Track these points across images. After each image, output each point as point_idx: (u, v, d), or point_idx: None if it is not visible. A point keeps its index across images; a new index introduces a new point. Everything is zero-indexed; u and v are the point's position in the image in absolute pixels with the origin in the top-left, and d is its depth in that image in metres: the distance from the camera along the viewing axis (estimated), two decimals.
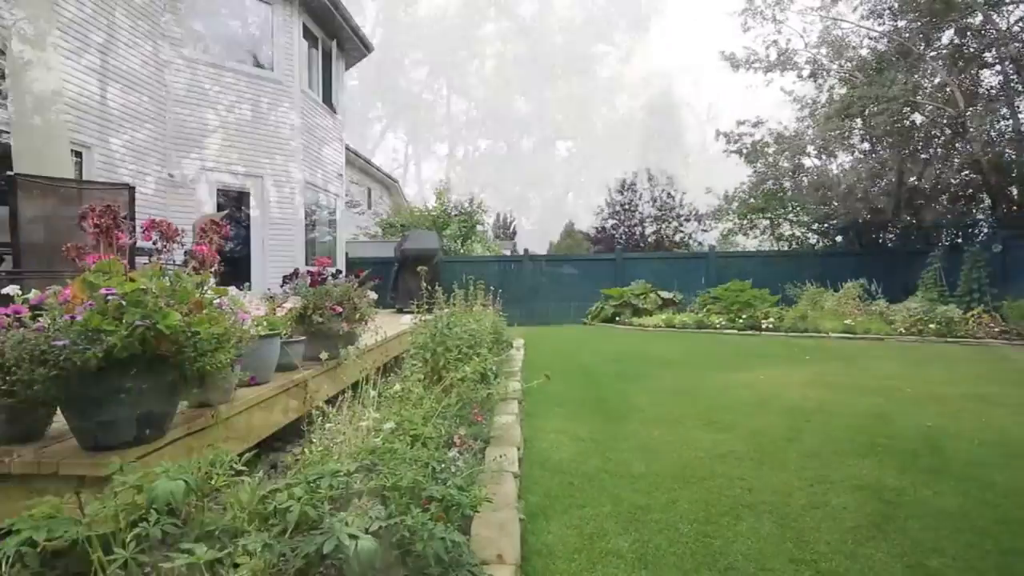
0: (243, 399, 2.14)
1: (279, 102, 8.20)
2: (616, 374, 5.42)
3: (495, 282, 6.27)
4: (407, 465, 1.76)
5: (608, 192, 23.79)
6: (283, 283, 2.91)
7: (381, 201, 20.78)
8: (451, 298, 4.93)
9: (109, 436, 1.53)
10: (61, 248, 3.02)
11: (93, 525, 1.17)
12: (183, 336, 1.52)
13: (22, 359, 1.29)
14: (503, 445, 3.08)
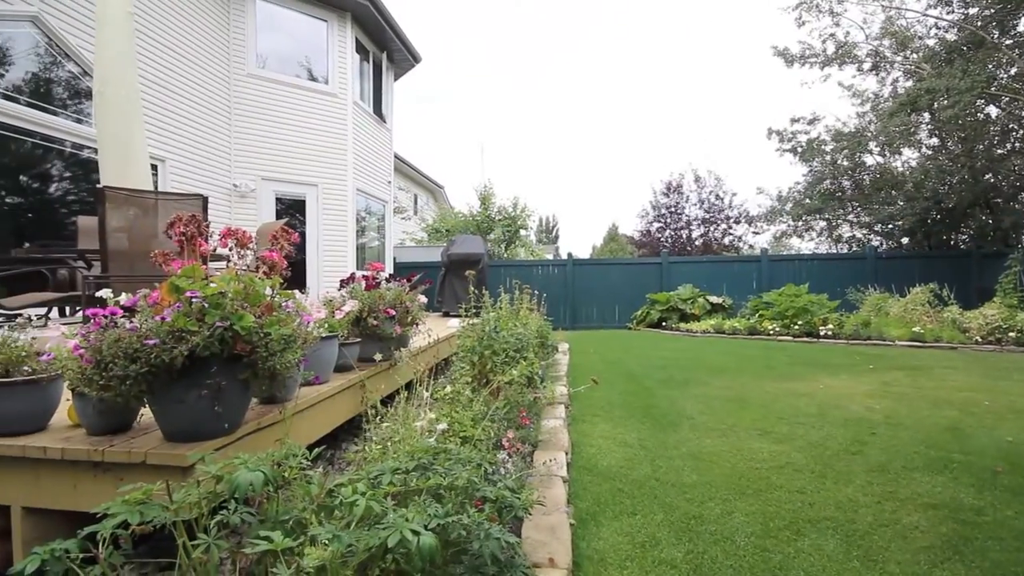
0: (305, 397, 2.25)
1: (333, 114, 8.55)
2: (664, 380, 5.31)
3: (538, 286, 6.27)
4: (460, 465, 1.80)
5: (653, 194, 23.36)
6: (340, 287, 3.03)
7: (427, 206, 21.24)
8: (497, 302, 4.99)
9: (191, 429, 1.65)
10: (141, 254, 3.27)
11: (179, 511, 1.26)
12: (256, 337, 1.62)
13: (118, 356, 1.41)
14: (551, 449, 3.09)
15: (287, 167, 8.10)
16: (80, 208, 5.59)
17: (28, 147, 4.97)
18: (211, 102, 7.24)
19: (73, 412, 1.78)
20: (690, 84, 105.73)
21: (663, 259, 12.24)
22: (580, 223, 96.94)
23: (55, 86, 5.31)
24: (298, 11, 8.29)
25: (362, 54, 9.39)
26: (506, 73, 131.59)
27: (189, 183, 6.72)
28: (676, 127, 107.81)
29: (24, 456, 1.67)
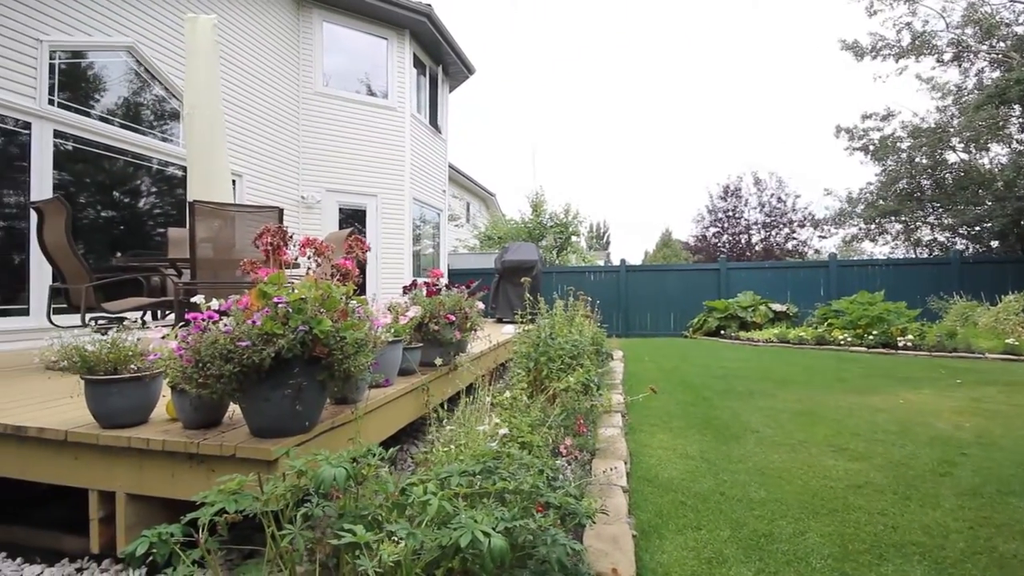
0: (373, 399, 2.35)
1: (392, 127, 8.89)
2: (725, 391, 5.12)
3: (590, 293, 6.23)
4: (524, 470, 1.82)
5: (709, 198, 22.63)
6: (403, 292, 3.15)
7: (479, 214, 21.57)
8: (552, 309, 4.99)
9: (274, 426, 1.76)
10: (223, 262, 3.53)
11: (268, 502, 1.36)
12: (333, 340, 1.71)
13: (214, 357, 1.54)
14: (609, 458, 3.05)
15: (349, 179, 8.49)
16: (164, 221, 6.09)
17: (120, 165, 5.47)
18: (282, 120, 7.72)
19: (171, 407, 1.94)
20: (748, 84, 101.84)
21: (721, 265, 11.82)
22: (632, 229, 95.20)
23: (144, 108, 5.84)
24: (360, 31, 8.71)
25: (419, 68, 9.72)
26: (557, 80, 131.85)
27: (262, 196, 7.18)
28: (733, 129, 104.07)
29: (129, 447, 1.84)
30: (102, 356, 1.81)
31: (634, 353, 8.07)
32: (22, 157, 4.49)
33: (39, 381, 2.94)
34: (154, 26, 5.74)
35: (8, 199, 4.44)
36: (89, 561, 2.10)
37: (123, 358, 1.86)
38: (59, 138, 4.75)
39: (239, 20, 6.93)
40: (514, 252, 8.10)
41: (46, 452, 1.95)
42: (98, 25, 5.12)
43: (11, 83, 4.36)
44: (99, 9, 5.13)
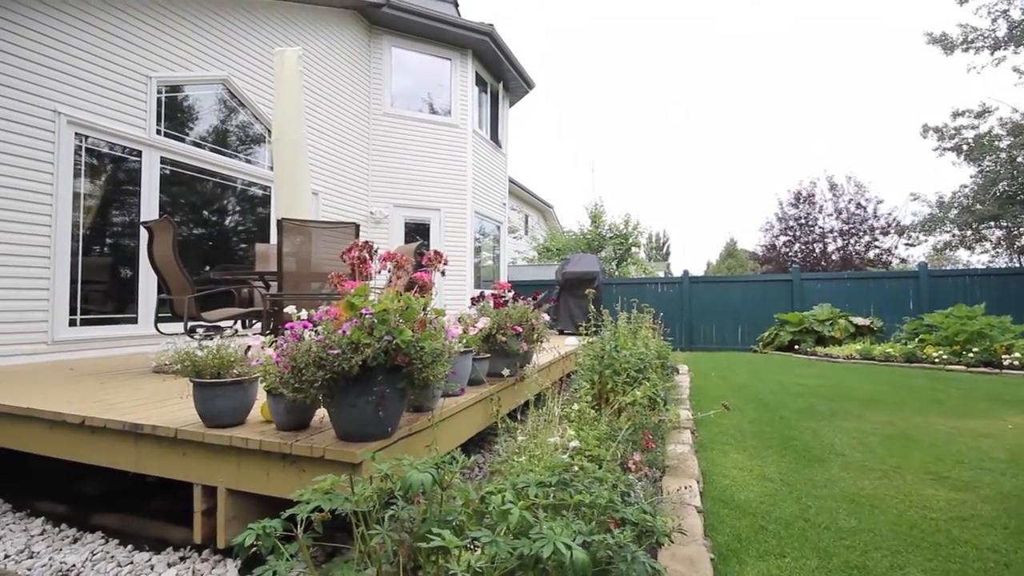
0: (446, 408, 2.41)
1: (455, 143, 9.18)
2: (803, 410, 4.82)
3: (651, 305, 6.07)
4: (598, 484, 1.80)
5: (779, 206, 21.52)
6: (471, 304, 3.22)
7: (537, 226, 21.69)
8: (616, 320, 4.92)
9: (359, 430, 1.86)
10: (304, 275, 3.77)
11: (358, 503, 1.43)
12: (413, 350, 1.79)
13: (308, 363, 1.65)
14: (680, 476, 2.96)
15: (414, 194, 8.83)
16: (246, 236, 6.57)
17: (209, 186, 5.98)
18: (354, 140, 8.17)
19: (266, 410, 2.09)
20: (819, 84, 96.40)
21: (794, 276, 11.18)
22: (693, 239, 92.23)
23: (231, 133, 6.36)
24: (426, 53, 9.09)
25: (480, 86, 9.98)
26: (615, 87, 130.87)
27: (335, 212, 7.61)
28: (803, 133, 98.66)
29: (230, 445, 1.99)
30: (209, 361, 1.99)
31: (700, 368, 7.77)
32: (134, 181, 5.03)
33: (148, 382, 3.26)
34: (245, 59, 6.28)
35: (121, 219, 4.97)
36: (191, 550, 2.28)
37: (226, 363, 2.03)
38: (163, 164, 5.28)
39: (318, 50, 7.44)
40: (575, 264, 8.07)
41: (159, 448, 2.15)
42: (197, 61, 5.67)
43: (127, 116, 4.91)
44: (199, 46, 5.68)
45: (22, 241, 4.07)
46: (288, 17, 6.98)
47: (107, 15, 4.73)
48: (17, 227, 4.04)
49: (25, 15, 4.11)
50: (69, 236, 4.36)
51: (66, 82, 4.38)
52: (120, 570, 2.15)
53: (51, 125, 4.26)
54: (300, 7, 7.18)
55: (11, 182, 4.01)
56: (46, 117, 4.24)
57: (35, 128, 4.17)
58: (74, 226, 4.41)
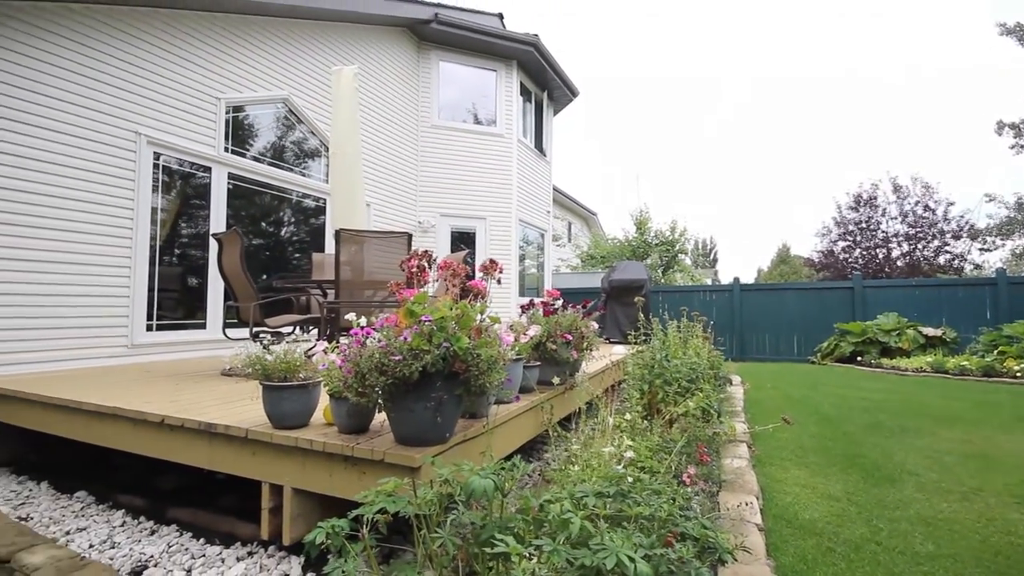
0: (498, 415, 2.43)
1: (500, 153, 9.30)
2: (870, 426, 4.54)
3: (700, 313, 5.90)
4: (656, 496, 1.77)
5: (837, 209, 20.49)
6: (521, 312, 3.24)
7: (580, 233, 21.57)
8: (665, 329, 4.82)
9: (417, 435, 1.90)
10: (359, 283, 3.90)
11: (421, 506, 1.46)
12: (470, 357, 1.82)
13: (371, 369, 1.71)
14: (738, 492, 2.85)
15: (460, 203, 8.99)
16: (301, 246, 6.86)
17: (267, 199, 6.29)
18: (403, 152, 8.43)
19: (328, 413, 2.18)
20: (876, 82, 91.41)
21: (855, 283, 10.59)
22: (741, 245, 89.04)
23: (288, 147, 6.68)
24: (472, 66, 9.28)
25: (525, 95, 10.08)
26: (659, 92, 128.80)
27: (384, 222, 7.85)
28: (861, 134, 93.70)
29: (296, 446, 2.08)
30: (277, 366, 2.09)
31: (753, 379, 7.47)
32: (203, 195, 5.37)
33: (219, 384, 3.45)
34: (303, 78, 6.62)
35: (190, 231, 5.32)
36: (257, 546, 2.39)
37: (292, 368, 2.13)
38: (228, 178, 5.62)
39: (370, 67, 7.74)
40: (622, 271, 7.96)
41: (230, 447, 2.28)
42: (261, 81, 6.02)
43: (199, 135, 5.26)
44: (262, 68, 6.04)
45: (108, 252, 4.43)
46: (343, 37, 7.30)
47: (182, 41, 5.10)
48: (105, 239, 4.41)
49: (110, 44, 4.50)
50: (147, 247, 4.70)
51: (146, 105, 4.75)
52: (194, 562, 2.28)
53: (133, 145, 4.64)
54: (355, 27, 7.50)
55: (99, 198, 4.38)
56: (128, 138, 4.61)
57: (119, 148, 4.55)
58: (151, 238, 4.76)
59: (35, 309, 3.97)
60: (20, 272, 3.90)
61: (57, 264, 4.10)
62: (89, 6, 4.37)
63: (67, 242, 4.16)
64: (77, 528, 2.67)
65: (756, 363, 10.57)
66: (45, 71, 4.07)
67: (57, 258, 4.10)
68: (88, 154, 4.32)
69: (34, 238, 3.97)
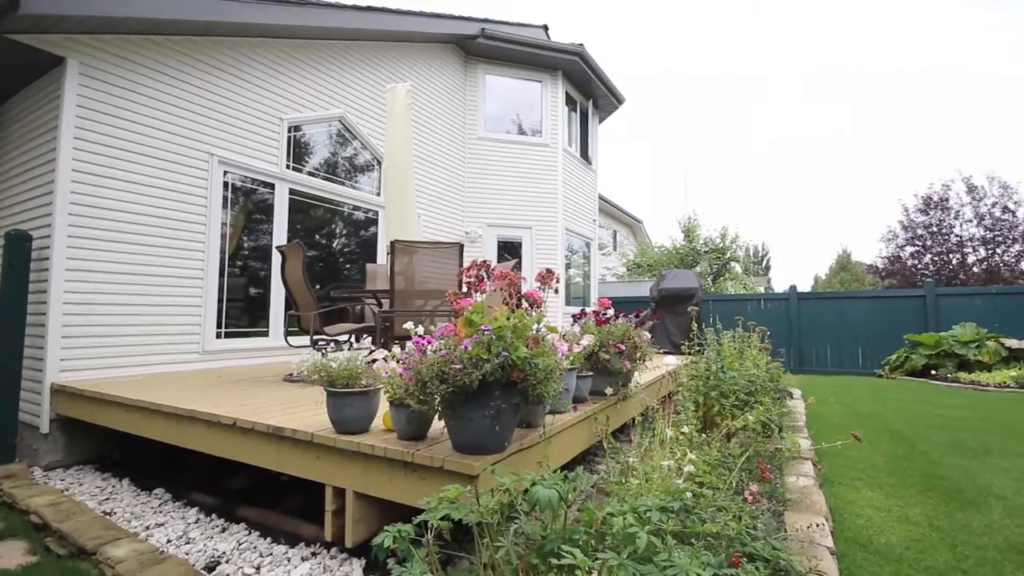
0: (552, 425, 2.42)
1: (546, 162, 9.34)
2: (950, 445, 4.21)
3: (756, 323, 5.65)
4: (722, 513, 1.71)
5: (904, 212, 19.26)
6: (573, 321, 3.23)
7: (626, 241, 21.26)
8: (719, 339, 4.67)
9: (474, 443, 1.92)
10: (412, 293, 4.00)
11: (483, 514, 1.47)
12: (528, 366, 1.83)
13: (432, 377, 1.75)
14: (805, 512, 2.71)
15: (506, 213, 9.07)
16: (352, 257, 7.09)
17: (320, 212, 6.55)
18: (450, 164, 8.62)
19: (388, 419, 2.24)
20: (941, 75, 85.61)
21: (927, 290, 9.90)
22: (796, 251, 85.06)
23: (341, 162, 6.94)
24: (517, 77, 9.40)
25: (570, 105, 10.09)
26: (706, 93, 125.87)
27: (432, 232, 8.03)
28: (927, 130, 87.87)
29: (358, 451, 2.15)
30: (340, 372, 2.17)
31: (814, 392, 7.09)
32: (266, 210, 5.68)
33: (283, 390, 3.62)
34: (357, 95, 6.90)
35: (252, 244, 5.62)
36: (320, 547, 2.48)
37: (355, 375, 2.21)
38: (289, 194, 5.91)
39: (420, 83, 7.99)
40: (672, 279, 7.77)
41: (296, 450, 2.38)
42: (319, 101, 6.33)
43: (264, 154, 5.58)
44: (320, 89, 6.35)
45: (184, 265, 4.75)
46: (394, 55, 7.58)
47: (248, 67, 5.44)
48: (182, 253, 4.74)
49: (187, 72, 4.86)
50: (217, 260, 5.01)
51: (217, 127, 5.09)
52: (262, 560, 2.39)
53: (206, 165, 4.97)
54: (405, 45, 7.77)
55: (178, 215, 4.72)
56: (202, 159, 4.95)
57: (195, 168, 4.89)
58: (220, 251, 5.07)
59: (120, 318, 4.30)
60: (109, 284, 4.24)
61: (141, 276, 4.43)
62: (169, 37, 4.74)
63: (149, 256, 4.50)
64: (156, 523, 2.86)
65: (816, 376, 10.04)
66: (130, 98, 4.43)
67: (140, 271, 4.43)
68: (168, 174, 4.67)
69: (121, 252, 4.32)
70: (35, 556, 2.58)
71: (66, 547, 2.62)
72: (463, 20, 8.46)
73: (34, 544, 2.70)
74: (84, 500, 3.21)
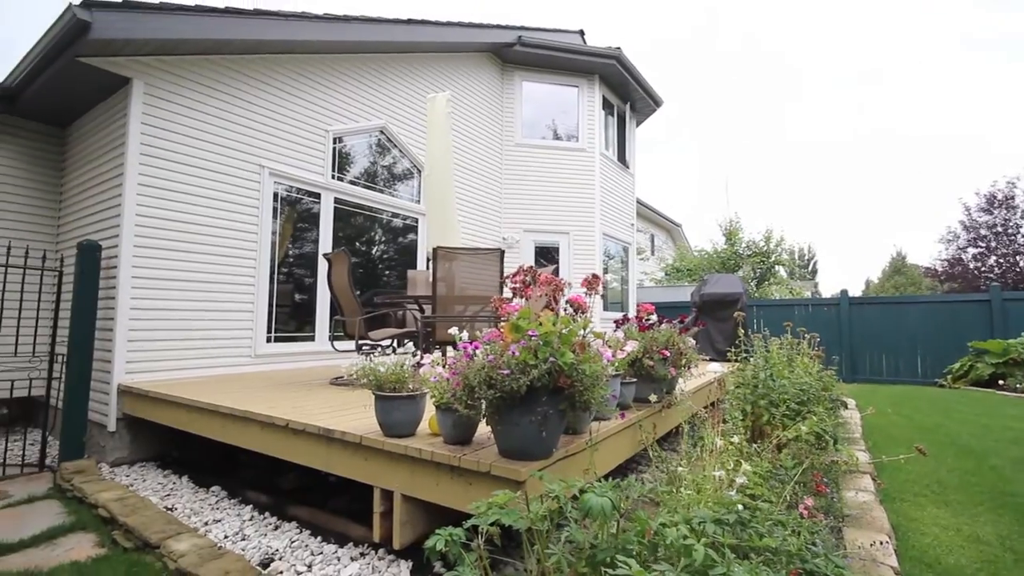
0: (597, 432, 2.39)
1: (583, 167, 9.30)
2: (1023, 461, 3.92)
3: (806, 330, 5.41)
4: (780, 527, 1.65)
5: (965, 211, 18.15)
6: (616, 327, 3.19)
7: (664, 245, 20.87)
8: (767, 345, 4.51)
9: (521, 449, 1.92)
10: (452, 298, 4.05)
11: (534, 520, 1.47)
12: (575, 372, 1.82)
13: (481, 382, 1.76)
14: (865, 529, 2.58)
15: (543, 218, 9.08)
16: (391, 263, 7.23)
17: (360, 220, 6.71)
18: (488, 171, 8.70)
19: (434, 423, 2.27)
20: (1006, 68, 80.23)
21: (993, 295, 9.27)
22: (845, 254, 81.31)
23: (382, 171, 7.11)
24: (554, 83, 9.42)
25: (607, 109, 10.02)
26: (750, 95, 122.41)
27: (471, 239, 8.12)
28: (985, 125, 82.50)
29: (405, 454, 2.19)
30: (388, 377, 2.22)
31: (869, 402, 6.75)
32: (310, 219, 5.88)
33: (330, 393, 3.72)
34: (398, 106, 7.08)
35: (298, 252, 5.82)
36: (368, 547, 2.53)
37: (402, 379, 2.25)
38: (334, 203, 6.11)
39: (458, 92, 8.12)
40: (715, 284, 7.56)
41: (345, 451, 2.44)
42: (362, 112, 6.53)
43: (311, 165, 5.80)
44: (363, 101, 6.55)
45: (238, 272, 4.98)
46: (433, 65, 7.73)
47: (295, 82, 5.67)
48: (236, 261, 4.97)
49: (239, 88, 5.11)
50: (267, 267, 5.22)
51: (267, 140, 5.32)
52: (314, 558, 2.46)
53: (258, 177, 5.20)
54: (444, 55, 7.92)
55: (232, 225, 4.96)
56: (254, 171, 5.18)
57: (248, 180, 5.12)
58: (270, 259, 5.28)
59: (180, 323, 4.53)
60: (170, 291, 4.48)
61: (198, 283, 4.67)
62: (225, 56, 5.00)
63: (206, 264, 4.73)
64: (213, 520, 2.98)
65: (871, 385, 9.55)
66: (188, 115, 4.69)
67: (198, 278, 4.67)
68: (222, 186, 4.91)
69: (180, 261, 4.56)
70: (103, 548, 2.74)
71: (132, 540, 2.77)
72: (500, 28, 8.55)
73: (102, 537, 2.86)
74: (147, 496, 3.38)
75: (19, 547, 2.73)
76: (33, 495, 3.48)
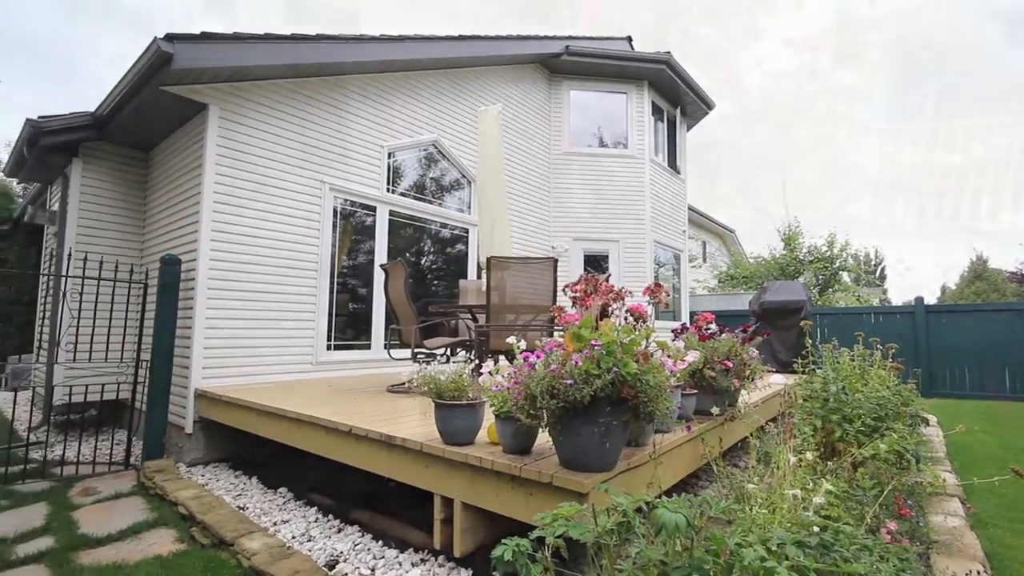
0: (659, 444, 2.33)
1: (632, 174, 9.18)
2: None
3: (880, 340, 5.04)
4: (866, 552, 1.54)
5: None
6: (674, 336, 3.10)
7: (717, 252, 20.20)
8: (837, 356, 4.25)
9: (583, 460, 1.90)
10: (505, 307, 4.07)
11: (601, 534, 1.44)
12: (638, 383, 1.78)
13: (543, 392, 1.76)
14: (956, 556, 2.37)
15: (592, 227, 9.00)
16: (440, 273, 7.35)
17: (411, 230, 6.87)
18: (536, 180, 8.74)
19: (493, 432, 2.28)
20: None
21: None
22: (917, 258, 75.74)
23: (433, 183, 7.26)
24: (602, 90, 9.37)
25: (656, 114, 9.86)
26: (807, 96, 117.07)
27: (521, 248, 8.16)
28: None
29: (465, 462, 2.21)
30: (448, 385, 2.26)
31: (951, 419, 6.22)
32: (365, 231, 6.10)
33: (388, 400, 3.82)
34: (449, 119, 7.26)
35: (354, 262, 6.04)
36: (428, 554, 2.56)
37: (461, 388, 2.28)
38: (389, 215, 6.31)
39: (507, 103, 8.24)
40: (775, 291, 7.21)
41: (406, 458, 2.49)
42: (416, 127, 6.74)
43: (369, 179, 6.03)
44: (416, 115, 6.76)
45: (301, 283, 5.23)
46: (482, 78, 7.88)
47: (353, 101, 5.93)
48: (299, 272, 5.23)
49: (304, 109, 5.40)
50: (328, 278, 5.46)
51: (327, 157, 5.58)
52: (376, 562, 2.51)
53: (319, 192, 5.46)
54: (493, 68, 8.06)
55: (296, 238, 5.22)
56: (316, 187, 5.44)
57: (310, 196, 5.39)
58: (330, 270, 5.51)
59: (249, 331, 4.80)
60: (240, 301, 4.76)
61: (266, 294, 4.94)
62: (290, 80, 5.30)
63: (272, 276, 5.00)
64: (282, 520, 3.11)
65: (952, 400, 8.81)
66: (256, 135, 4.99)
67: (266, 289, 4.94)
68: (287, 202, 5.18)
69: (250, 273, 4.84)
70: (183, 544, 2.91)
71: (208, 537, 2.93)
72: (547, 39, 8.62)
73: (181, 532, 3.04)
74: (221, 495, 3.58)
75: (107, 540, 2.94)
76: (119, 492, 3.75)
